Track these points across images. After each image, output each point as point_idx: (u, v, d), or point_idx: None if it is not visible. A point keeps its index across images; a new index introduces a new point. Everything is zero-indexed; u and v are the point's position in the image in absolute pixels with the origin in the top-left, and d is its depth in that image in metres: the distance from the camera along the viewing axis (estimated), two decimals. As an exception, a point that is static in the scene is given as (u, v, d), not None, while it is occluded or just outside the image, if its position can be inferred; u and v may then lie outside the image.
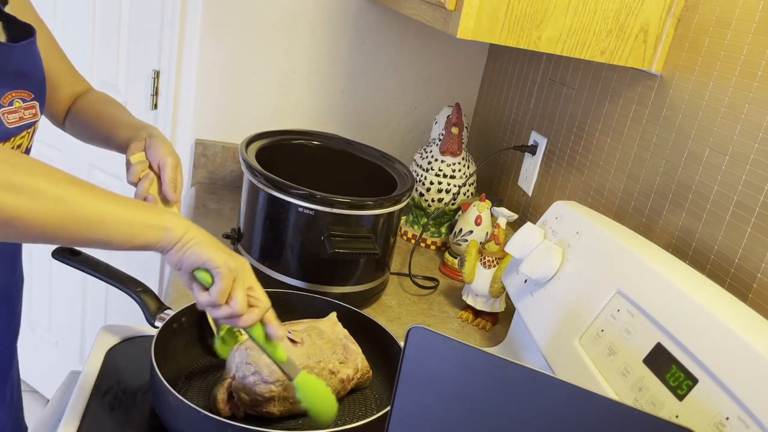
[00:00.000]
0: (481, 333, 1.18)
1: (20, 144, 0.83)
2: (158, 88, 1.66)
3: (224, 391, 0.81)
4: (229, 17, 1.53)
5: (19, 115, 0.81)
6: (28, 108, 0.83)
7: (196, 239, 0.70)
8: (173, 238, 0.69)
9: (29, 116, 0.83)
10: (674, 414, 0.68)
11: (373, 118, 1.74)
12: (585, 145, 1.28)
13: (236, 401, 0.81)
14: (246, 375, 0.81)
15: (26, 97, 0.82)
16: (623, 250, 0.85)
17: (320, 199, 1.04)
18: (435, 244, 1.49)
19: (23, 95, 0.81)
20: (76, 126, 1.02)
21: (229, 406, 0.81)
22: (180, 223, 0.70)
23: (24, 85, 0.82)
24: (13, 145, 0.82)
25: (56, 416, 0.90)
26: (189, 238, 0.70)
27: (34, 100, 0.84)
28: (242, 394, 0.81)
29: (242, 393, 0.81)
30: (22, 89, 0.81)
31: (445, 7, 0.99)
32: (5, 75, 0.78)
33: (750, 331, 0.66)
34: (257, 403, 0.81)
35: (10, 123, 0.79)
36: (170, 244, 0.69)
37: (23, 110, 0.82)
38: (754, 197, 0.87)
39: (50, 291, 2.12)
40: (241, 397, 0.81)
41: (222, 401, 0.81)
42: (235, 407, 0.82)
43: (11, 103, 0.79)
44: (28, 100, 0.83)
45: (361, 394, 0.93)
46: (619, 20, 1.01)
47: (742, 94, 0.90)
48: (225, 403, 0.81)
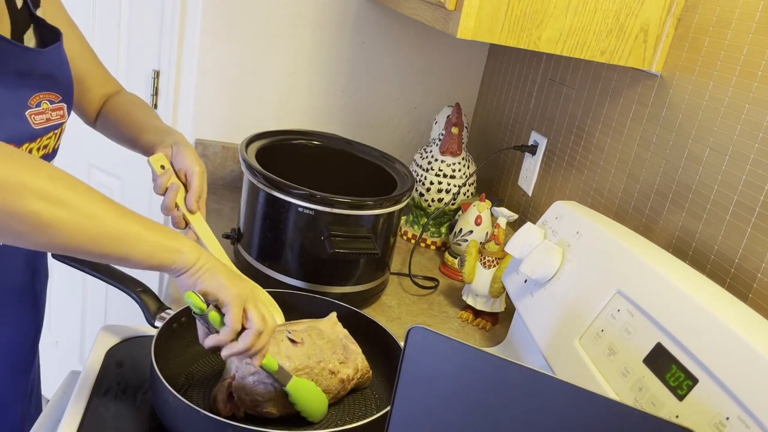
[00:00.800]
0: (481, 333, 1.18)
1: (47, 144, 0.84)
2: (158, 88, 1.66)
3: (224, 391, 0.81)
4: (229, 17, 1.53)
5: (47, 116, 0.82)
6: (56, 109, 0.84)
7: (208, 265, 0.72)
8: (187, 262, 0.71)
9: (56, 117, 0.84)
10: (674, 414, 0.68)
11: (373, 118, 1.74)
12: (585, 145, 1.28)
13: (236, 401, 0.81)
14: (246, 375, 0.81)
15: (54, 99, 0.83)
16: (623, 250, 0.85)
17: (320, 199, 1.04)
18: (435, 244, 1.49)
19: (51, 97, 0.83)
20: (107, 127, 1.03)
21: (229, 407, 0.81)
22: (194, 248, 0.72)
23: (52, 87, 0.83)
24: (40, 146, 0.83)
25: (56, 416, 0.90)
26: (202, 263, 0.72)
27: (62, 102, 0.85)
28: (242, 395, 0.81)
29: (242, 393, 0.81)
30: (50, 91, 0.83)
31: (445, 7, 0.99)
32: (34, 78, 0.79)
33: (750, 331, 0.66)
34: (257, 403, 0.81)
35: (36, 124, 0.81)
36: (184, 268, 0.71)
37: (50, 111, 0.83)
38: (754, 197, 0.87)
39: (50, 291, 2.11)
40: (241, 398, 0.81)
41: (222, 401, 0.81)
42: (235, 407, 0.82)
43: (39, 105, 0.81)
44: (56, 102, 0.84)
45: (361, 394, 0.93)
46: (619, 20, 1.01)
47: (742, 94, 0.90)
48: (225, 404, 0.81)
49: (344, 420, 0.87)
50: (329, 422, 0.86)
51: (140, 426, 0.82)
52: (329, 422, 0.86)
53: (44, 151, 0.85)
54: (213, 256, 0.75)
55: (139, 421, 0.82)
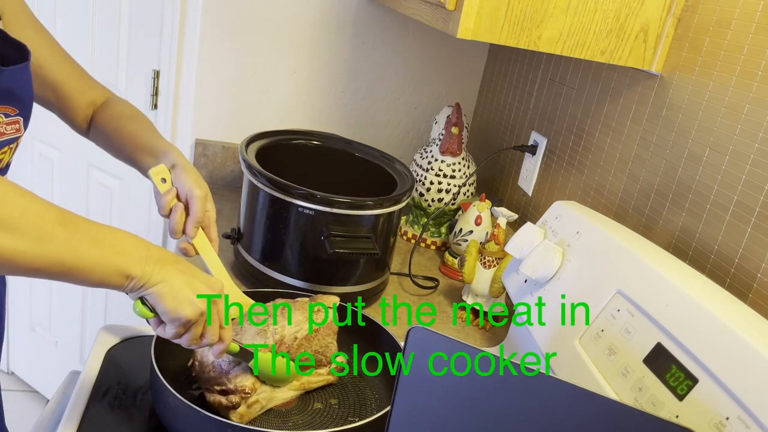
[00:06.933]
0: (481, 333, 1.18)
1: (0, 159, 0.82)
2: (158, 88, 1.66)
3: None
4: (229, 17, 1.53)
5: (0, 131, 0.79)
6: (11, 123, 0.80)
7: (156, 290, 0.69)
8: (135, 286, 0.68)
9: (11, 132, 0.81)
10: (674, 414, 0.68)
11: (373, 118, 1.74)
12: (585, 145, 1.28)
13: (204, 381, 0.83)
14: (207, 354, 0.84)
15: (10, 112, 0.80)
16: (623, 250, 0.85)
17: (320, 199, 1.04)
18: (435, 244, 1.49)
19: (6, 110, 0.79)
20: (101, 140, 0.98)
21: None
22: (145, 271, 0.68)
23: (8, 101, 0.79)
24: None
25: (56, 416, 0.90)
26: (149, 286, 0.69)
27: (18, 116, 0.81)
28: (209, 373, 0.83)
29: (209, 372, 0.83)
30: (6, 104, 0.79)
31: (445, 7, 0.99)
32: None
33: (750, 331, 0.66)
34: (219, 382, 0.82)
35: None
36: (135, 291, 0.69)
37: (5, 125, 0.79)
38: (754, 197, 0.87)
39: (50, 291, 2.12)
40: (205, 377, 0.83)
41: (219, 402, 0.82)
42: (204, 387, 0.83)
43: None
44: (12, 116, 0.80)
45: (361, 394, 0.93)
46: (619, 20, 1.01)
47: (742, 94, 0.90)
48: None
49: (344, 420, 0.87)
50: (329, 422, 0.86)
51: (140, 426, 0.82)
52: (329, 422, 0.86)
53: None
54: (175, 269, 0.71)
55: (139, 421, 0.82)
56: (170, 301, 0.69)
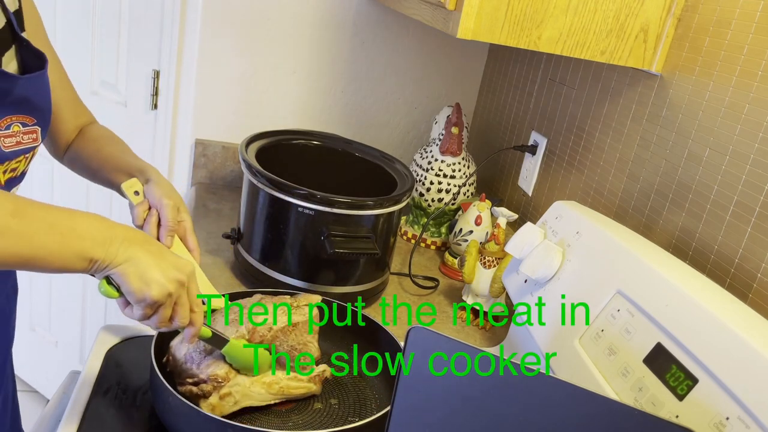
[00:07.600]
0: (481, 333, 1.18)
1: (15, 168, 0.82)
2: (158, 88, 1.66)
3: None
4: (230, 17, 1.53)
5: (17, 140, 0.80)
6: (28, 133, 0.81)
7: (121, 270, 0.69)
8: (99, 267, 0.68)
9: (28, 141, 0.82)
10: (674, 414, 0.68)
11: (373, 118, 1.74)
12: (585, 145, 1.28)
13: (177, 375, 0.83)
14: (179, 344, 0.85)
15: (27, 122, 0.81)
16: (623, 250, 0.85)
17: (320, 199, 1.04)
18: (435, 244, 1.49)
19: (24, 120, 0.80)
20: (76, 162, 0.99)
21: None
22: (108, 252, 0.67)
23: (27, 110, 0.80)
24: (7, 169, 0.81)
25: (56, 416, 0.90)
26: (114, 266, 0.68)
27: (35, 125, 0.83)
28: (182, 366, 0.83)
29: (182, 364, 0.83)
30: (24, 114, 0.80)
31: (445, 7, 0.99)
32: (7, 101, 0.77)
33: (750, 331, 0.66)
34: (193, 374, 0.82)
35: (6, 147, 0.78)
36: (100, 271, 0.68)
37: (22, 135, 0.80)
38: (754, 197, 0.87)
39: (50, 291, 2.12)
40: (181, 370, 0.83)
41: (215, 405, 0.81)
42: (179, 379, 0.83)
43: (8, 127, 0.78)
44: (30, 125, 0.81)
45: (361, 394, 0.93)
46: (619, 20, 1.01)
47: (742, 94, 0.91)
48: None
49: (344, 420, 0.87)
50: (329, 422, 0.86)
51: (140, 426, 0.82)
52: (329, 422, 0.86)
53: (11, 174, 0.82)
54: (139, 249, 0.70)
55: (139, 421, 0.82)
56: (135, 281, 0.69)
